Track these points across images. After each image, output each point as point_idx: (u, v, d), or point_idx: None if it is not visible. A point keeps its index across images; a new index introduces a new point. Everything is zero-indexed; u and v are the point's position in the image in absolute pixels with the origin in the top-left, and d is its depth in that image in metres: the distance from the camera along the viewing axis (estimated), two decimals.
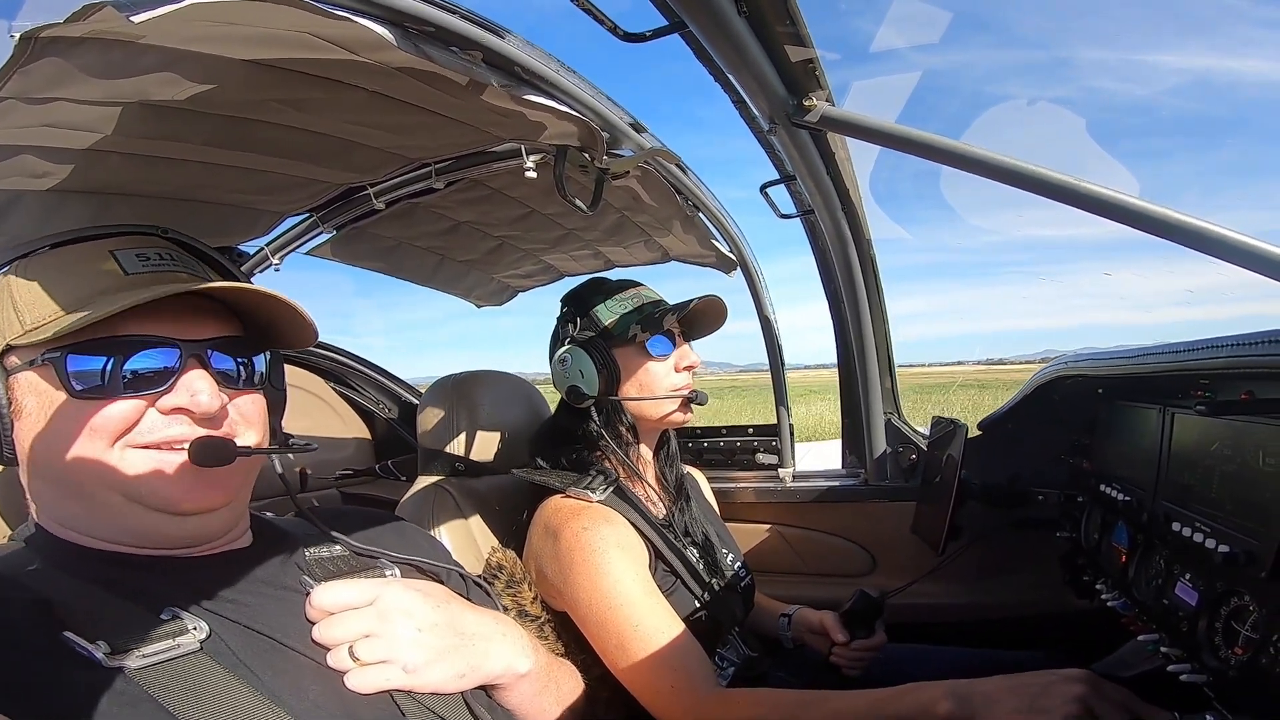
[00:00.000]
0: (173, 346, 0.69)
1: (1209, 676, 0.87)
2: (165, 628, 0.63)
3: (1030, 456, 1.63)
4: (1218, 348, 0.90)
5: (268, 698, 0.63)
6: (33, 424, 0.67)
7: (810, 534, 1.90)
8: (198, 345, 0.70)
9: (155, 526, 0.69)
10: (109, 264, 0.71)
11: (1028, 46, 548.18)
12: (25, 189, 0.88)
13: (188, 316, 0.71)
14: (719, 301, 1.34)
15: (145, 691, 0.58)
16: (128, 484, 0.66)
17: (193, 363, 0.69)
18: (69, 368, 0.66)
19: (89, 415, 0.66)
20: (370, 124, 1.00)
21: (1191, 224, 0.82)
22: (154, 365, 0.68)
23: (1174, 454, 1.08)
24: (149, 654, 0.60)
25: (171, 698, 0.58)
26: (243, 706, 0.61)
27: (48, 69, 0.64)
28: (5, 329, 0.68)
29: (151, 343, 0.68)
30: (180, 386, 0.68)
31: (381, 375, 2.77)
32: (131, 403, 0.67)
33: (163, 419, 0.68)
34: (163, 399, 0.68)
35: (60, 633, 0.59)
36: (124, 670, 0.58)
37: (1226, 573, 0.88)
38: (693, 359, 1.32)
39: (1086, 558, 1.37)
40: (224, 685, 0.61)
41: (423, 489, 1.40)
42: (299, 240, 1.72)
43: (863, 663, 1.32)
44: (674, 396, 1.29)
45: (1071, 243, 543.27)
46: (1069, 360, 1.41)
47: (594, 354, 1.27)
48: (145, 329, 0.68)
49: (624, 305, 1.30)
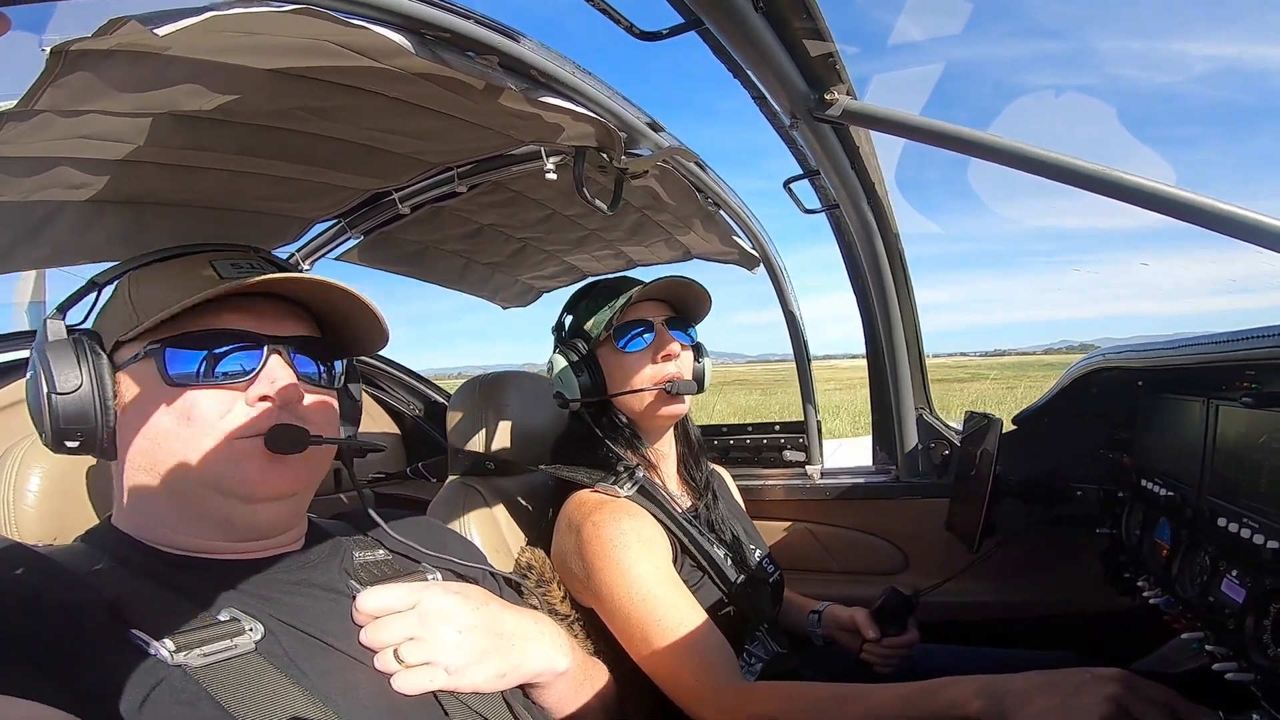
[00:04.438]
0: (258, 340, 0.75)
1: (1256, 675, 0.84)
2: (224, 628, 0.66)
3: (1068, 451, 1.59)
4: (1264, 337, 0.87)
5: (318, 698, 0.65)
6: (133, 416, 0.73)
7: (840, 531, 1.88)
8: (281, 341, 0.76)
9: (229, 514, 0.74)
10: (207, 271, 0.77)
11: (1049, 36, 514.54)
12: (65, 199, 0.91)
13: (272, 315, 0.77)
14: (683, 280, 1.28)
15: (205, 689, 0.61)
16: (210, 469, 0.71)
17: (276, 355, 0.75)
18: (166, 359, 0.72)
19: (183, 404, 0.71)
20: (392, 130, 1.01)
21: (1232, 212, 0.78)
22: (241, 357, 0.74)
23: (1219, 448, 1.04)
24: (209, 653, 0.63)
25: (229, 696, 0.61)
26: (294, 706, 0.63)
27: (79, 82, 0.66)
28: (119, 327, 0.75)
29: (238, 336, 0.74)
30: (263, 377, 0.74)
31: (408, 375, 2.81)
32: (221, 392, 0.72)
33: (248, 409, 0.73)
34: (250, 389, 0.73)
35: (128, 630, 0.62)
36: (185, 668, 0.61)
37: (1275, 569, 0.84)
38: (674, 347, 1.28)
39: (1128, 555, 1.33)
40: (277, 685, 0.64)
41: (453, 488, 1.42)
42: (328, 246, 1.76)
43: (894, 660, 1.30)
44: (651, 389, 1.26)
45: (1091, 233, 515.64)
46: (1108, 352, 1.37)
47: (572, 357, 1.28)
48: (235, 324, 0.75)
49: (604, 310, 1.29)
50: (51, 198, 0.90)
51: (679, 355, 1.29)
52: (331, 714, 0.64)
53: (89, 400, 0.72)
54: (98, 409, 0.72)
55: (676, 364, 1.28)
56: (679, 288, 1.30)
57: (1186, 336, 1.07)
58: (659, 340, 1.28)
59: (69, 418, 0.71)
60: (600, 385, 1.28)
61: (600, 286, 1.35)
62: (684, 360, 1.30)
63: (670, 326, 1.30)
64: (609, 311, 1.27)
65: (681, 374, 1.28)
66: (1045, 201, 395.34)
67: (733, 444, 2.12)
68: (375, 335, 0.84)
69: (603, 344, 1.29)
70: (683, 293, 1.31)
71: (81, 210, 0.94)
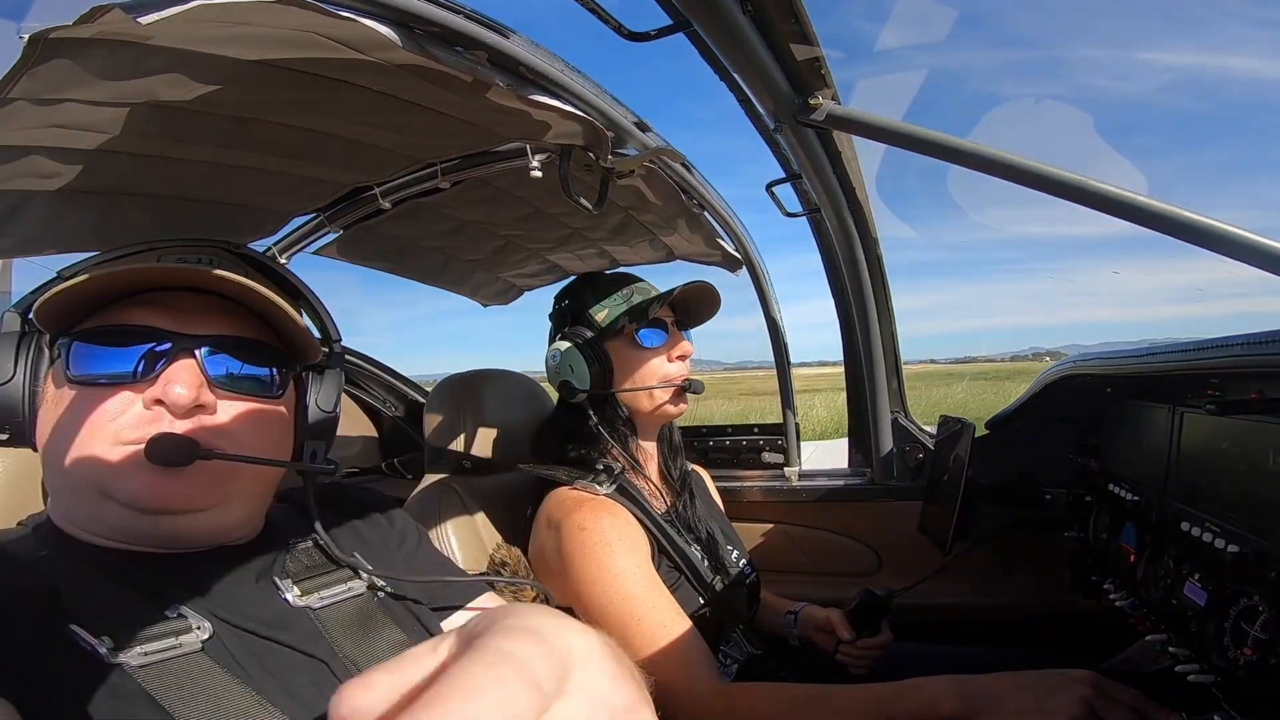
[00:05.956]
0: (166, 338, 0.68)
1: (1217, 677, 0.86)
2: (169, 625, 0.63)
3: (1038, 456, 1.62)
4: (1228, 347, 0.89)
5: (264, 698, 0.62)
6: (46, 413, 0.69)
7: (816, 533, 1.90)
8: (193, 340, 0.68)
9: (131, 525, 0.68)
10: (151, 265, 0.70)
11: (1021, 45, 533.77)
12: (35, 189, 0.88)
13: (196, 313, 0.70)
14: (708, 287, 1.33)
15: (143, 688, 0.58)
16: (99, 476, 0.65)
17: (183, 355, 0.68)
18: (71, 355, 0.67)
19: (79, 403, 0.66)
20: (376, 124, 1.00)
21: (1202, 222, 0.81)
22: (144, 354, 0.67)
23: (1183, 454, 1.07)
24: (151, 651, 0.60)
25: (169, 696, 0.58)
26: (238, 708, 0.60)
27: (56, 70, 0.65)
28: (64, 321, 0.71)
29: (144, 334, 0.68)
30: (163, 379, 0.67)
31: (388, 374, 2.77)
32: (119, 394, 0.66)
33: (141, 413, 0.66)
34: (147, 391, 0.66)
35: (66, 624, 0.59)
36: (124, 666, 0.58)
37: (1236, 573, 0.87)
38: (686, 347, 1.32)
39: (1094, 557, 1.36)
40: (221, 686, 0.61)
41: (429, 487, 1.40)
42: (306, 240, 1.72)
43: (868, 661, 1.32)
44: (666, 386, 1.29)
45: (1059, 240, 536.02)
46: (1077, 359, 1.40)
47: (585, 349, 1.28)
48: (146, 320, 0.68)
49: (615, 299, 1.31)
50: (21, 187, 0.87)
51: (691, 355, 1.33)
52: (278, 714, 0.62)
53: (17, 394, 0.69)
54: (25, 403, 0.69)
55: (687, 364, 1.33)
56: (704, 293, 1.34)
57: (1154, 345, 1.10)
58: (673, 339, 1.32)
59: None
60: (609, 376, 1.29)
61: (604, 277, 1.38)
62: (689, 361, 1.35)
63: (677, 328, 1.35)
64: (624, 304, 1.29)
65: (686, 374, 1.33)
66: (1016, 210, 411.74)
67: (712, 445, 2.13)
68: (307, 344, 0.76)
69: (617, 337, 1.29)
70: (703, 298, 1.35)
71: (52, 200, 0.91)
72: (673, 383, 1.30)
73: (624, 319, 1.28)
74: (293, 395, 0.81)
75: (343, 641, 0.73)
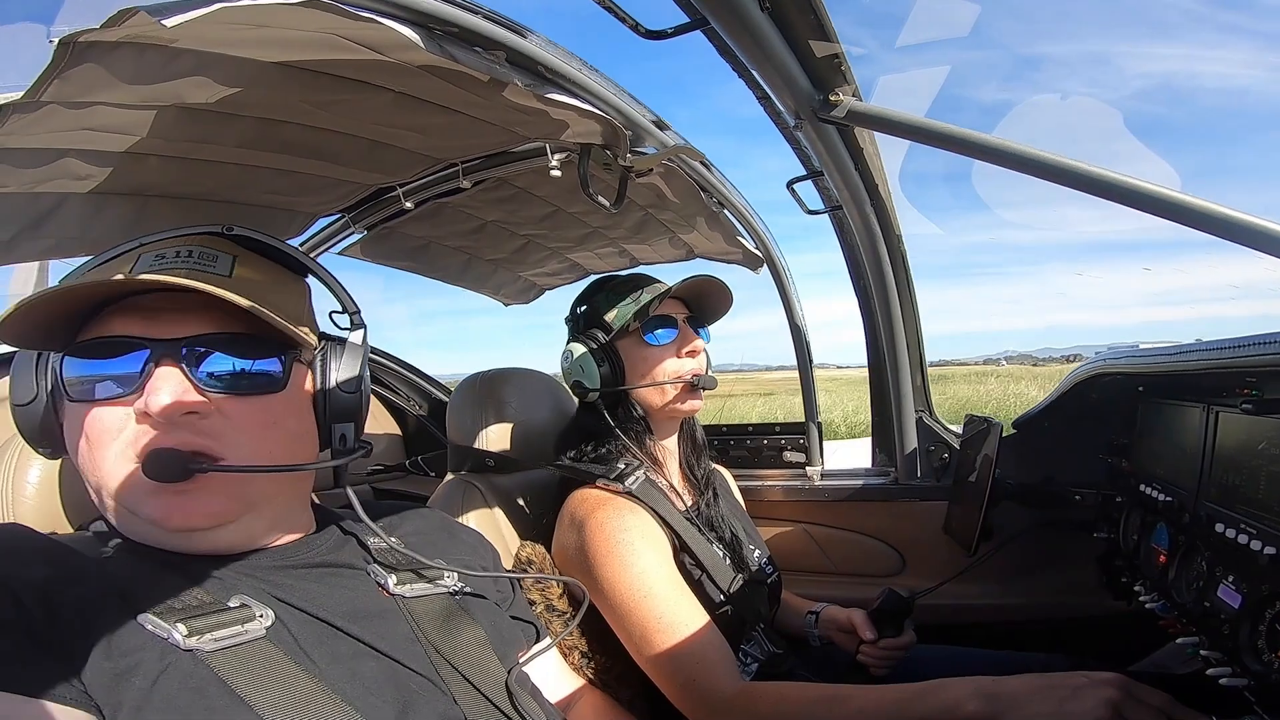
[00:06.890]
0: (143, 346, 0.65)
1: (1250, 680, 0.84)
2: (235, 614, 0.64)
3: (1067, 456, 1.59)
4: (1265, 344, 0.87)
5: (326, 684, 0.64)
6: (68, 427, 0.69)
7: (838, 533, 1.88)
8: (170, 344, 0.65)
9: (167, 540, 0.68)
10: (125, 268, 0.68)
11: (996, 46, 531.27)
12: (69, 191, 0.91)
13: (172, 315, 0.66)
14: (714, 281, 1.32)
15: (215, 674, 0.60)
16: (120, 498, 0.64)
17: (165, 362, 0.64)
18: (64, 373, 0.66)
19: (86, 421, 0.65)
20: (398, 125, 1.01)
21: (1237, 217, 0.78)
22: (125, 367, 0.65)
23: (1218, 454, 1.04)
24: (221, 638, 0.62)
25: (240, 681, 0.60)
26: (302, 692, 0.62)
27: (86, 74, 0.66)
28: None
29: (124, 344, 0.65)
30: (148, 389, 0.63)
31: (412, 373, 2.80)
32: (115, 409, 0.64)
33: (141, 427, 0.64)
34: (136, 403, 0.64)
35: (138, 616, 0.61)
36: (196, 653, 0.60)
37: (1272, 575, 0.84)
38: (697, 344, 1.32)
39: (1125, 559, 1.33)
40: (286, 671, 0.63)
41: (451, 483, 1.42)
42: (331, 240, 1.75)
43: (890, 662, 1.30)
44: (675, 382, 1.29)
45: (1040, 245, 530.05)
46: (1107, 357, 1.37)
47: (595, 348, 1.29)
48: (122, 329, 0.65)
49: (624, 298, 1.32)
50: (56, 189, 0.90)
51: (701, 351, 1.33)
52: (339, 701, 0.64)
53: (38, 414, 0.69)
54: (51, 419, 0.69)
55: (698, 360, 1.32)
56: (708, 286, 1.33)
57: (1187, 343, 1.07)
58: (683, 336, 1.31)
59: (30, 430, 0.70)
60: (620, 376, 1.29)
61: (618, 280, 1.38)
62: (702, 358, 1.34)
63: (689, 324, 1.34)
64: (633, 304, 1.30)
65: (702, 370, 1.32)
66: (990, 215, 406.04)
67: (733, 444, 2.12)
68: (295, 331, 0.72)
69: (626, 336, 1.30)
70: (709, 292, 1.34)
71: (86, 202, 0.94)
72: (681, 379, 1.30)
73: (632, 318, 1.28)
74: (308, 380, 0.77)
75: (431, 632, 0.77)
